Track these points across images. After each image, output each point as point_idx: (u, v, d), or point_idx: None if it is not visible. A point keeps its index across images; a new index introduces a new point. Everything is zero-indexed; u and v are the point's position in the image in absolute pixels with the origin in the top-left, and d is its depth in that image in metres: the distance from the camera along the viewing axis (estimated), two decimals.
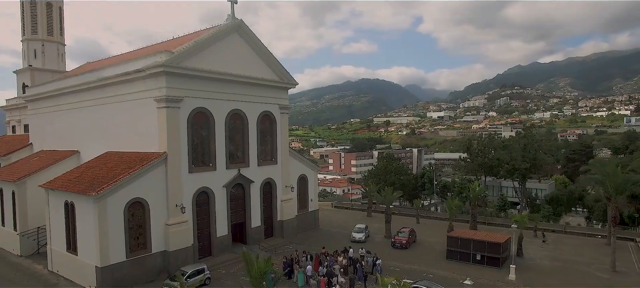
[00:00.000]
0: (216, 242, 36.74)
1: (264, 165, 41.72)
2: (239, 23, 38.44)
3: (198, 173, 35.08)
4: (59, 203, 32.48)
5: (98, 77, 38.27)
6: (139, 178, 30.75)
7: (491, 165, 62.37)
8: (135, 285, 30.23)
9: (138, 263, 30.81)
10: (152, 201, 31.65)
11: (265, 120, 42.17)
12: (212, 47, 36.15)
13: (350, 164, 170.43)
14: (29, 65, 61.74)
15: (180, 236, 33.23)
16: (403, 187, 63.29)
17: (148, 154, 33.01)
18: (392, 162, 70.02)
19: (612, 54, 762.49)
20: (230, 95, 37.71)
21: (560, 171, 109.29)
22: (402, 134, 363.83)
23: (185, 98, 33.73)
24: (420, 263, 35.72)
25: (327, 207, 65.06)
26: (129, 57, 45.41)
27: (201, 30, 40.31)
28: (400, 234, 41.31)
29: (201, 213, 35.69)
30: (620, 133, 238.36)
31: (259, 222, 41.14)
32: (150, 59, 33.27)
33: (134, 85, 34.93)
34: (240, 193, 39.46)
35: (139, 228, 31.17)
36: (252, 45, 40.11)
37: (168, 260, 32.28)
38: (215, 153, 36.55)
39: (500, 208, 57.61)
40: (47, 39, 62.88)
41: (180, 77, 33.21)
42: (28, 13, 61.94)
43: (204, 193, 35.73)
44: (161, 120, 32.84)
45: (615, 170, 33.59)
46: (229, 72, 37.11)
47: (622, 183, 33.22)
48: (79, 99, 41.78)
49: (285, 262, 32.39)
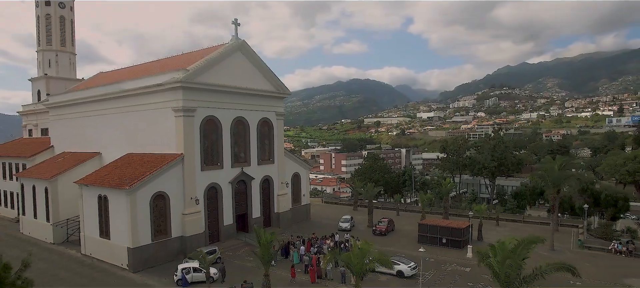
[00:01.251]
0: (223, 230, 43.63)
1: (263, 164, 48.68)
2: (242, 43, 45.40)
3: (208, 171, 41.94)
4: (92, 196, 39.11)
5: (120, 88, 44.90)
6: (161, 175, 37.55)
7: (465, 164, 70.02)
8: (158, 263, 36.97)
9: (161, 245, 37.60)
10: (171, 194, 38.46)
11: (264, 125, 49.11)
12: (219, 64, 43.01)
13: (340, 164, 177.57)
14: (45, 74, 67.89)
15: (194, 224, 40.08)
16: (386, 184, 70.77)
17: (167, 155, 39.78)
18: (377, 162, 77.56)
19: (599, 55, 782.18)
20: (234, 104, 44.62)
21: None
22: (392, 135, 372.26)
23: (198, 108, 40.59)
24: (396, 246, 42.94)
25: (318, 203, 72.14)
26: (143, 69, 52.21)
27: (209, 48, 47.10)
28: (380, 223, 48.64)
29: (211, 205, 42.56)
30: (602, 133, 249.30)
31: (259, 213, 48.07)
32: (168, 75, 40.07)
33: (154, 97, 41.66)
34: (243, 188, 46.38)
35: (161, 216, 37.96)
36: (252, 61, 47.06)
37: (185, 244, 39.08)
38: (222, 154, 43.42)
39: (471, 201, 65.12)
40: (61, 50, 69.02)
41: (194, 91, 40.05)
42: (43, 26, 68.04)
43: (213, 188, 42.60)
44: (178, 127, 39.66)
45: (552, 168, 41.17)
46: (234, 85, 44.02)
47: (558, 178, 40.80)
48: (100, 107, 48.34)
49: (282, 248, 39.31)
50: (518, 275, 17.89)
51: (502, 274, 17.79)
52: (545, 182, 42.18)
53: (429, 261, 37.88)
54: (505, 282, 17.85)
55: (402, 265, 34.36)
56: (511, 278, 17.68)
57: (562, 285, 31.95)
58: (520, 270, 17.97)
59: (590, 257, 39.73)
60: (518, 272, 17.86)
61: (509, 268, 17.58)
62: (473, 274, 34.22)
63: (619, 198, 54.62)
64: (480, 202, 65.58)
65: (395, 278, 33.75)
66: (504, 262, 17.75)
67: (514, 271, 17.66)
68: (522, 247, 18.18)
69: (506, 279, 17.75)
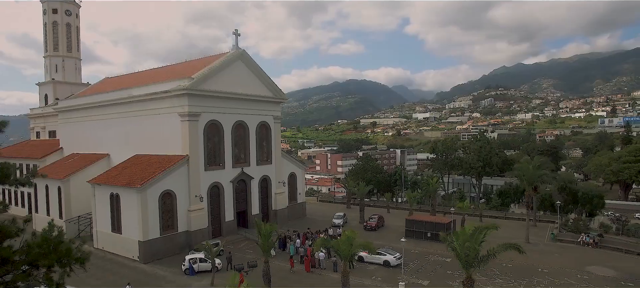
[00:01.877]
0: (225, 225, 47.27)
1: (261, 165, 52.34)
2: (242, 52, 49.08)
3: (211, 171, 45.57)
4: (104, 195, 42.66)
5: (129, 94, 48.47)
6: (169, 175, 41.17)
7: (453, 164, 74.02)
8: (166, 255, 40.55)
9: (168, 239, 41.21)
10: (178, 192, 42.07)
11: (262, 128, 52.79)
12: (221, 72, 46.66)
13: (336, 165, 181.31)
14: (52, 79, 71.36)
15: (199, 219, 43.71)
16: (378, 184, 74.56)
17: (173, 157, 43.38)
18: (370, 162, 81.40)
19: (593, 55, 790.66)
20: (235, 109, 48.29)
21: None
22: (388, 135, 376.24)
23: (202, 113, 44.22)
24: (385, 239, 46.70)
25: (313, 202, 75.84)
26: (148, 75, 55.80)
27: (212, 57, 50.75)
28: (370, 219, 52.45)
29: (213, 202, 46.19)
30: (594, 134, 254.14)
31: (258, 210, 51.71)
32: (175, 82, 43.69)
33: (160, 102, 45.27)
34: (243, 187, 50.03)
35: (169, 213, 41.57)
36: (252, 68, 50.75)
37: (190, 238, 42.67)
38: (224, 155, 47.07)
39: (459, 199, 69.00)
40: (67, 55, 72.57)
41: (198, 97, 43.69)
42: (50, 33, 71.52)
43: (215, 187, 46.23)
44: (184, 131, 43.29)
45: (527, 168, 45.13)
46: (235, 92, 47.68)
47: (532, 177, 44.74)
48: (109, 111, 51.89)
49: (280, 239, 43.01)
50: (476, 255, 21.62)
51: (463, 255, 21.52)
52: (521, 180, 46.12)
53: (414, 252, 41.69)
54: (465, 261, 21.59)
55: (389, 255, 38.14)
56: (470, 258, 21.41)
57: (531, 273, 35.83)
58: (478, 251, 21.69)
59: (561, 248, 43.64)
60: (475, 253, 21.58)
61: (467, 249, 21.30)
62: (453, 263, 37.89)
63: (594, 196, 58.57)
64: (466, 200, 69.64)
65: (382, 267, 37.51)
66: (464, 245, 21.48)
67: (472, 252, 21.38)
68: (478, 232, 21.94)
69: (466, 258, 21.48)
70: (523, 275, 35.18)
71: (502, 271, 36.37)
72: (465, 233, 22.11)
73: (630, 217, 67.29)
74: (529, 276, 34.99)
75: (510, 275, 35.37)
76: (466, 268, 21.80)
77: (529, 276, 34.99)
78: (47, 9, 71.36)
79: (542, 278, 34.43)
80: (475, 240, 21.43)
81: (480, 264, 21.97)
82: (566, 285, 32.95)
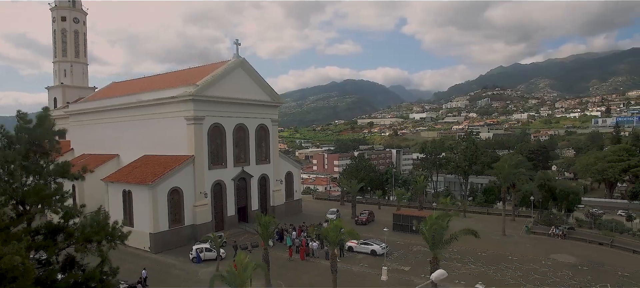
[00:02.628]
0: (227, 220, 51.68)
1: (260, 164, 56.78)
2: (242, 60, 53.54)
3: (214, 170, 49.98)
4: (117, 191, 47.01)
5: (138, 99, 52.83)
6: (176, 173, 45.58)
7: (441, 164, 78.66)
8: (174, 246, 44.92)
9: (176, 232, 45.61)
10: (185, 189, 46.46)
11: (261, 130, 57.22)
12: (223, 79, 51.08)
13: (332, 164, 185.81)
14: (61, 83, 75.63)
15: (203, 214, 48.12)
16: (371, 182, 79.09)
17: (179, 157, 47.76)
18: (363, 161, 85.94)
19: (589, 55, 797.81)
20: (236, 113, 52.71)
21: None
22: (385, 135, 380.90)
23: (206, 116, 48.64)
24: (374, 232, 51.17)
25: (309, 199, 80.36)
26: (154, 81, 60.16)
27: (214, 64, 55.18)
28: (361, 215, 57.01)
29: (216, 198, 50.61)
30: (587, 134, 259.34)
31: (257, 206, 56.11)
32: (181, 89, 48.09)
33: (168, 107, 49.66)
34: (243, 184, 54.46)
35: (177, 207, 45.97)
36: (251, 75, 55.19)
37: (195, 231, 47.07)
38: (226, 155, 51.49)
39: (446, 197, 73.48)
40: (75, 61, 76.87)
41: (203, 102, 48.11)
42: (59, 40, 75.79)
43: (218, 184, 50.65)
44: (189, 133, 47.69)
45: (503, 167, 49.74)
46: (235, 97, 52.13)
47: (508, 175, 49.37)
48: (118, 114, 56.24)
49: (277, 231, 47.47)
50: (441, 237, 26.07)
51: (430, 237, 25.97)
52: (499, 178, 50.70)
53: (399, 243, 46.25)
54: (431, 242, 26.04)
55: (376, 245, 42.66)
56: (435, 239, 25.84)
57: (502, 260, 40.43)
58: (442, 234, 26.13)
59: (533, 240, 48.26)
60: (440, 236, 26.02)
61: (433, 232, 25.75)
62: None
63: (570, 193, 63.21)
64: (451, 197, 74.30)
65: (369, 256, 42.05)
66: (431, 228, 25.93)
67: (438, 234, 25.82)
68: (442, 218, 26.40)
69: (432, 240, 25.92)
70: (494, 262, 39.73)
71: (477, 258, 40.93)
72: (432, 219, 26.58)
73: (613, 214, 71.92)
74: (499, 263, 39.55)
75: (483, 262, 39.92)
76: (432, 249, 26.25)
77: (499, 263, 39.55)
78: (56, 17, 75.60)
79: (510, 264, 39.01)
80: (439, 225, 25.89)
81: (444, 246, 26.46)
82: (530, 269, 37.51)
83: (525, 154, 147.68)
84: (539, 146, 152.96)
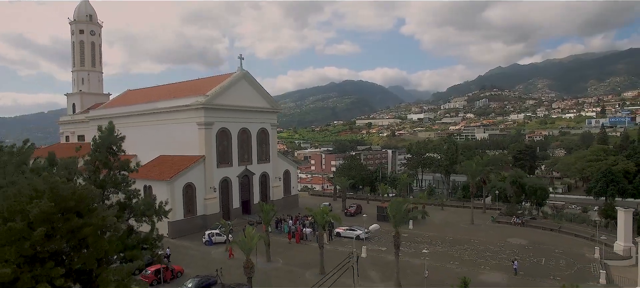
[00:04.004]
0: (232, 211, 60.04)
1: (261, 163, 65.15)
2: (245, 73, 62.01)
3: (222, 168, 58.33)
4: (139, 186, 55.11)
5: (155, 106, 61.22)
6: (190, 170, 53.95)
7: (425, 163, 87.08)
8: (188, 233, 53.19)
9: (189, 221, 53.97)
10: (197, 184, 54.82)
11: (262, 133, 65.60)
12: (229, 89, 59.49)
13: (330, 164, 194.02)
14: (79, 90, 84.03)
15: (212, 206, 56.48)
16: (362, 180, 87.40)
17: (192, 157, 56.10)
18: (354, 161, 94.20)
19: (588, 55, 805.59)
20: (240, 118, 61.10)
21: (508, 168, 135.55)
22: (383, 136, 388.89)
23: (214, 122, 57.01)
24: (360, 222, 59.42)
25: (305, 195, 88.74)
26: (167, 90, 68.49)
27: (221, 76, 63.61)
28: (350, 207, 65.47)
29: (224, 193, 58.96)
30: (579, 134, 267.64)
31: (258, 200, 64.44)
32: (193, 98, 56.49)
33: (181, 114, 58.07)
34: (247, 181, 62.82)
35: (190, 200, 54.34)
36: (253, 85, 63.63)
37: (206, 221, 55.37)
38: (232, 155, 59.86)
39: (423, 191, 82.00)
40: (92, 70, 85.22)
41: (212, 110, 56.49)
42: (77, 51, 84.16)
43: (225, 181, 59.01)
44: (200, 136, 56.06)
45: (471, 165, 58.18)
46: (240, 105, 60.54)
47: (474, 172, 57.82)
48: (137, 119, 64.57)
49: (276, 220, 55.75)
50: (401, 216, 34.42)
51: (392, 215, 34.33)
52: (467, 174, 59.12)
53: (381, 231, 54.57)
54: (394, 219, 34.35)
55: (359, 231, 51.03)
56: (396, 218, 34.15)
57: (464, 243, 48.81)
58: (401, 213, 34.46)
59: (496, 227, 56.70)
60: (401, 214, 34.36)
61: (394, 211, 34.09)
62: (410, 238, 50.77)
63: (538, 189, 71.52)
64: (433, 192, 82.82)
65: (355, 239, 50.33)
66: (393, 208, 34.28)
67: (398, 213, 34.13)
68: (401, 201, 34.76)
69: (394, 217, 34.23)
70: (458, 244, 48.13)
71: (444, 242, 49.31)
72: (395, 202, 34.97)
73: (590, 209, 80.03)
74: (462, 245, 47.96)
75: (449, 244, 48.29)
76: (395, 226, 34.55)
77: (462, 245, 47.96)
78: (75, 30, 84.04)
79: (470, 246, 47.43)
80: (400, 205, 34.27)
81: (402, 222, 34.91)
82: (485, 249, 45.92)
83: (513, 154, 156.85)
84: (526, 146, 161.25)
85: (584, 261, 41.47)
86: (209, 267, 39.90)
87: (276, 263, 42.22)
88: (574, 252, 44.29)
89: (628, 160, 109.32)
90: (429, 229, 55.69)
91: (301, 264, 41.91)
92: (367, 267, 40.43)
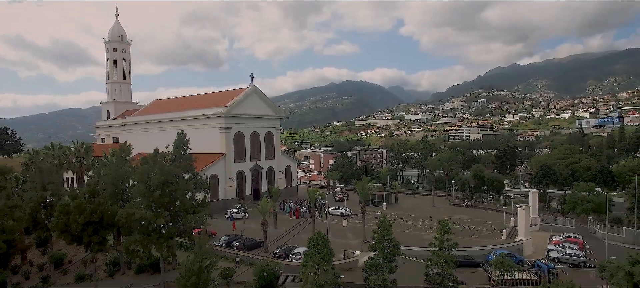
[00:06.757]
0: (245, 198, 77.84)
1: (268, 159, 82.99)
2: (255, 88, 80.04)
3: (238, 163, 76.21)
4: None
5: (184, 115, 79.14)
6: (214, 165, 71.84)
7: (404, 160, 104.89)
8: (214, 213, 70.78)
9: (214, 203, 71.64)
10: (219, 175, 72.69)
11: (268, 136, 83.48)
12: (243, 101, 77.37)
13: (328, 163, 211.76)
14: (113, 99, 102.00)
15: (231, 192, 74.35)
16: (351, 175, 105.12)
17: (215, 154, 73.92)
18: (345, 159, 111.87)
19: (587, 56, 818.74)
20: (251, 124, 78.97)
21: (492, 167, 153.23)
22: (382, 136, 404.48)
23: (232, 127, 74.90)
24: (346, 205, 77.24)
25: (305, 188, 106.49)
26: (190, 100, 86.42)
27: (237, 90, 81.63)
28: (339, 194, 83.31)
29: (239, 182, 76.85)
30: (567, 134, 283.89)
31: (265, 188, 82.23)
32: (215, 109, 74.36)
33: (206, 121, 75.98)
34: (256, 174, 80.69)
35: (214, 187, 72.10)
36: (261, 97, 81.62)
37: (226, 204, 73.17)
38: (245, 153, 77.72)
39: (405, 184, 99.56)
40: (123, 82, 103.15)
41: (230, 118, 74.38)
42: (111, 66, 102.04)
43: (240, 173, 76.89)
44: (221, 138, 73.95)
45: (434, 160, 75.83)
46: (251, 113, 78.48)
47: (435, 166, 75.53)
48: (167, 125, 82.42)
49: (280, 204, 73.53)
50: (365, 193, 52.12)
51: (360, 190, 52.03)
52: (430, 167, 76.92)
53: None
54: (361, 194, 51.98)
55: (343, 209, 68.85)
56: (362, 193, 51.82)
57: (421, 218, 66.58)
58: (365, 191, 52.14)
59: (451, 208, 74.51)
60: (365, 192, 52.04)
61: (361, 189, 51.70)
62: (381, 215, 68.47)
63: (495, 181, 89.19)
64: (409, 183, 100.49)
65: (339, 216, 68.22)
66: (360, 187, 51.99)
67: (363, 191, 51.80)
68: (366, 183, 52.59)
69: (361, 195, 51.90)
70: (416, 219, 65.85)
71: (406, 218, 67.03)
72: (360, 183, 52.73)
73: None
74: (419, 219, 65.70)
75: (409, 219, 66.02)
76: (361, 199, 52.28)
77: (419, 219, 65.70)
78: (109, 48, 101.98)
79: (425, 220, 65.16)
80: (365, 188, 51.99)
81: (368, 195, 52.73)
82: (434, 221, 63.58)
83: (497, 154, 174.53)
84: (508, 146, 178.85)
85: (501, 228, 59.25)
86: (232, 232, 57.85)
87: (281, 229, 60.08)
88: (498, 223, 62.05)
89: (591, 158, 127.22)
90: (399, 210, 73.52)
91: (298, 230, 59.73)
92: (346, 231, 58.31)
